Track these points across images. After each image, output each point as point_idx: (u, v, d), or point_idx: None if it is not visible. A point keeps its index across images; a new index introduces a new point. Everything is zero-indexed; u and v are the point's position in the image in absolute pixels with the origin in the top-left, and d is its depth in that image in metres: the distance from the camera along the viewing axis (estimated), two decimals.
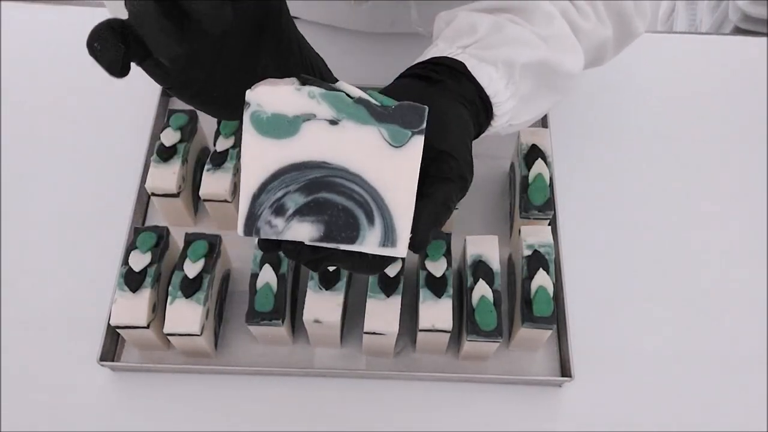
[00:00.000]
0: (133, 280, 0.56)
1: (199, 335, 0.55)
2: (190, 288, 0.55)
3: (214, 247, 0.58)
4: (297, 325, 0.61)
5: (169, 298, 0.55)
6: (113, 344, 0.61)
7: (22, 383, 0.60)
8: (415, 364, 0.61)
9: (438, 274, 0.56)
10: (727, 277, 0.67)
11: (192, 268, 0.56)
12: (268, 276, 0.56)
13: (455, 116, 0.44)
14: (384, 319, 0.55)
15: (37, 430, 0.58)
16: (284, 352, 0.61)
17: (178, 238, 0.61)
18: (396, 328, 0.55)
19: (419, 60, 0.48)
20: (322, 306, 0.55)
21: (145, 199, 0.68)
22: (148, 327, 0.56)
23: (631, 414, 0.60)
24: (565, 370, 0.60)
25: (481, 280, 0.56)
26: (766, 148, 0.74)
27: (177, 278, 0.56)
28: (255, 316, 0.55)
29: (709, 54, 0.82)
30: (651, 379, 0.61)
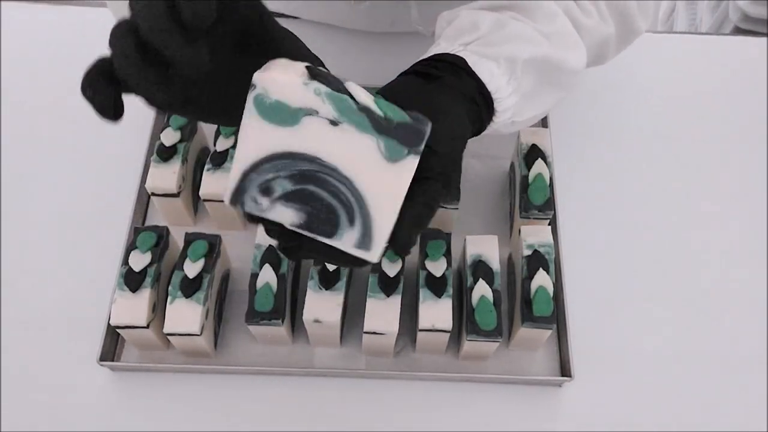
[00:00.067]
0: (133, 280, 0.56)
1: (198, 335, 0.55)
2: (190, 288, 0.55)
3: (213, 246, 0.58)
4: (297, 325, 0.61)
5: (169, 298, 0.55)
6: (113, 344, 0.61)
7: (22, 383, 0.60)
8: (415, 364, 0.61)
9: (438, 273, 0.56)
10: (727, 277, 0.67)
11: (192, 268, 0.56)
12: (267, 276, 0.56)
13: (445, 110, 0.43)
14: (384, 319, 0.55)
15: (37, 430, 0.58)
16: (284, 352, 0.61)
17: (178, 238, 0.61)
18: (396, 328, 0.55)
19: (421, 58, 0.48)
20: (322, 306, 0.55)
21: (145, 199, 0.68)
22: (148, 327, 0.56)
23: (631, 414, 0.60)
24: (565, 370, 0.60)
25: (481, 279, 0.56)
26: (766, 148, 0.74)
27: (177, 278, 0.56)
28: (255, 316, 0.55)
29: (709, 54, 0.82)
30: (651, 379, 0.61)
